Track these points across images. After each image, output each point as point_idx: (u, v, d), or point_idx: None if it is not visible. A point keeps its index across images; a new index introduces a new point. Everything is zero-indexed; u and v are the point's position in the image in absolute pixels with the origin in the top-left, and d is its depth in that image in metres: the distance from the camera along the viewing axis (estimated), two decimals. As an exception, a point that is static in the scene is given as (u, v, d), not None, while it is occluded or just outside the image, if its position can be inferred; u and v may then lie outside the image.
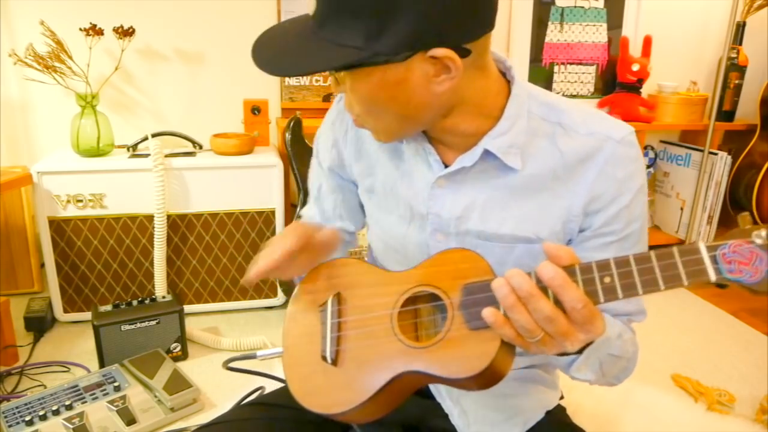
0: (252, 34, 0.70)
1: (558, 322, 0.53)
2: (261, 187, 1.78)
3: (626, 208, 0.69)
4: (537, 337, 0.54)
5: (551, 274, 0.52)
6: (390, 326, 0.61)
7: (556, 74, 2.33)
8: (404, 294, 0.62)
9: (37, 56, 1.69)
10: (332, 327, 0.64)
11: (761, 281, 0.48)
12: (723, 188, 2.35)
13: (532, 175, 0.69)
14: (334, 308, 0.65)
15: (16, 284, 1.91)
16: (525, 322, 0.53)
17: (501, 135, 0.68)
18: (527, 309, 0.53)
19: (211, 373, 1.54)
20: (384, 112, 0.65)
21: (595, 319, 0.53)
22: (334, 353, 0.63)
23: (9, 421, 1.24)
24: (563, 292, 0.52)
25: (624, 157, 0.68)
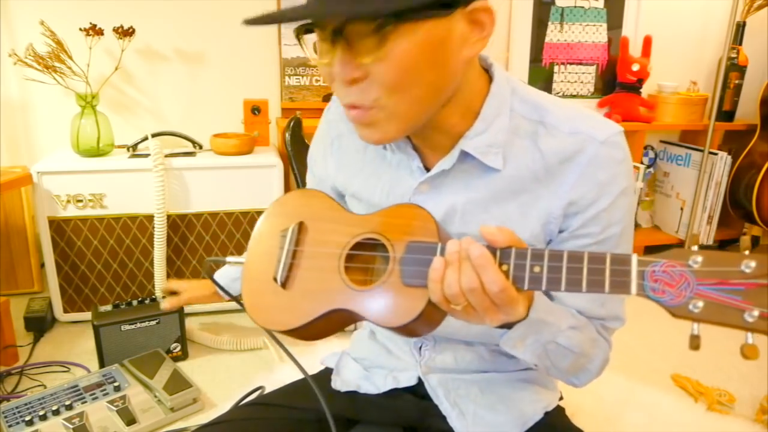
0: (252, 34, 0.70)
1: (480, 294, 0.55)
2: (261, 187, 1.78)
3: (605, 212, 0.67)
4: (460, 303, 0.56)
5: (477, 252, 0.55)
6: (337, 265, 0.65)
7: (556, 74, 2.33)
8: (356, 237, 0.66)
9: (37, 56, 1.69)
10: (287, 253, 0.68)
11: (680, 306, 0.48)
12: (723, 188, 2.35)
13: (512, 177, 0.68)
14: (293, 236, 0.69)
15: (16, 284, 1.91)
16: (453, 284, 0.55)
17: (478, 135, 0.67)
18: (460, 273, 0.55)
19: (211, 373, 1.54)
20: (415, 84, 0.60)
21: (514, 303, 0.55)
22: (284, 277, 0.67)
23: (9, 421, 1.24)
24: (483, 271, 0.54)
25: (607, 158, 0.66)
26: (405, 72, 0.58)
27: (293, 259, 0.68)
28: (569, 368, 0.71)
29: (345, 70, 0.59)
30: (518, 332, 0.63)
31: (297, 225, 0.69)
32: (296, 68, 2.07)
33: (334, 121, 0.83)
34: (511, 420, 0.79)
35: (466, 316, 0.57)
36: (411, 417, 0.84)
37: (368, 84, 0.59)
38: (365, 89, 0.60)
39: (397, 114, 0.62)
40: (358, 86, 0.60)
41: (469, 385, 0.80)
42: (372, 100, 0.60)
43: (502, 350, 0.80)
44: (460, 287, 0.55)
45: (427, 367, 0.81)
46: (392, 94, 0.60)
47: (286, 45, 2.03)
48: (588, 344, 0.71)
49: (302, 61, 2.07)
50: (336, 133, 0.82)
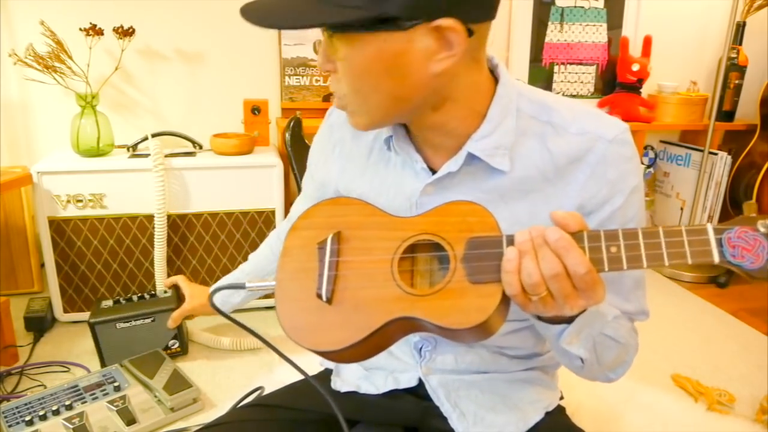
0: (252, 34, 0.71)
1: (563, 280, 0.53)
2: (261, 187, 1.78)
3: (620, 210, 0.67)
4: (540, 293, 0.54)
5: (556, 236, 0.53)
6: (390, 271, 0.61)
7: (556, 74, 2.33)
8: (407, 240, 0.62)
9: (37, 56, 1.69)
10: (330, 265, 0.63)
11: (760, 268, 0.50)
12: (723, 188, 2.35)
13: (521, 177, 0.68)
14: (333, 247, 0.64)
15: (16, 284, 1.91)
16: (533, 273, 0.53)
17: (485, 137, 0.66)
18: (538, 260, 0.54)
19: (211, 373, 1.54)
20: (374, 90, 0.62)
21: (597, 286, 0.54)
22: (330, 292, 0.62)
23: (9, 421, 1.24)
24: (567, 254, 0.53)
25: (616, 156, 0.66)
26: (359, 77, 0.62)
27: (336, 271, 0.63)
28: (612, 361, 0.71)
29: (320, 61, 0.65)
30: (577, 325, 0.62)
31: (335, 234, 0.65)
32: (296, 68, 2.07)
33: (336, 125, 0.83)
34: (512, 420, 0.79)
35: (543, 306, 0.55)
36: (411, 417, 0.84)
37: (339, 79, 0.64)
38: (336, 81, 0.65)
39: (362, 112, 0.65)
40: (333, 77, 0.65)
41: (469, 385, 0.80)
42: (342, 93, 0.65)
43: (502, 351, 0.80)
44: (541, 274, 0.53)
45: (428, 368, 0.81)
46: (354, 94, 0.64)
47: (286, 45, 2.03)
48: (628, 335, 0.71)
49: (302, 61, 2.07)
50: (339, 136, 0.82)
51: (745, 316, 1.95)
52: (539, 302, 0.55)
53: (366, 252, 0.63)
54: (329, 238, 0.64)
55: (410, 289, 0.59)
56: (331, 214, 0.67)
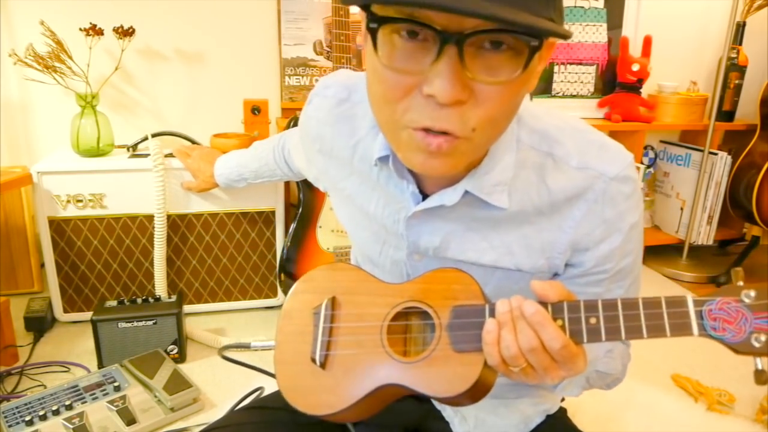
0: (252, 34, 0.68)
1: (541, 354, 0.53)
2: (261, 187, 1.78)
3: (618, 248, 0.65)
4: (520, 365, 0.54)
5: (532, 310, 0.53)
6: (379, 338, 0.62)
7: (556, 74, 2.33)
8: (396, 307, 0.63)
9: (37, 56, 1.69)
10: (324, 331, 0.65)
11: (742, 342, 0.50)
12: (723, 188, 2.35)
13: (516, 212, 0.65)
14: (327, 312, 0.66)
15: (16, 284, 1.91)
16: (511, 346, 0.53)
17: (484, 174, 0.62)
18: (516, 332, 0.53)
19: (211, 373, 1.54)
20: (508, 118, 0.54)
21: (576, 358, 0.54)
22: (323, 357, 0.64)
23: (9, 421, 1.24)
24: (542, 329, 0.52)
25: (615, 195, 0.62)
26: (513, 103, 0.52)
27: (330, 337, 0.65)
28: (605, 384, 0.73)
29: (454, 89, 0.47)
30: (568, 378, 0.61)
31: (329, 300, 0.66)
32: (296, 68, 2.07)
33: (315, 119, 0.77)
34: (513, 423, 0.79)
35: (525, 377, 0.55)
36: (412, 420, 0.84)
37: (468, 109, 0.49)
38: (464, 115, 0.49)
39: (479, 147, 0.55)
40: (455, 110, 0.49)
41: None
42: (469, 129, 0.51)
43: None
44: (518, 348, 0.53)
45: None
46: (489, 126, 0.52)
47: (286, 45, 2.03)
48: (619, 361, 0.72)
49: (302, 61, 2.07)
50: (316, 133, 0.77)
51: (745, 316, 1.95)
52: (521, 373, 0.55)
53: (358, 318, 0.65)
54: (324, 304, 0.66)
55: (398, 357, 0.61)
56: (328, 278, 0.69)
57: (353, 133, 0.71)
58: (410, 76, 0.49)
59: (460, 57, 0.46)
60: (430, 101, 0.49)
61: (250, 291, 1.87)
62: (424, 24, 0.46)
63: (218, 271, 1.83)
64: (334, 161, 0.75)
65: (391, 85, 0.50)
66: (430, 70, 0.47)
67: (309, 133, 0.78)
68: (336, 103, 0.74)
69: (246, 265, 1.84)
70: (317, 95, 0.78)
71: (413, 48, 0.49)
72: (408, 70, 0.49)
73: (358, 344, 0.63)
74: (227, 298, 1.86)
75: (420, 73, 0.48)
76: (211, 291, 1.85)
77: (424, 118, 0.50)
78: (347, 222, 0.80)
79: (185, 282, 1.82)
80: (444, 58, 0.46)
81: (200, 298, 1.84)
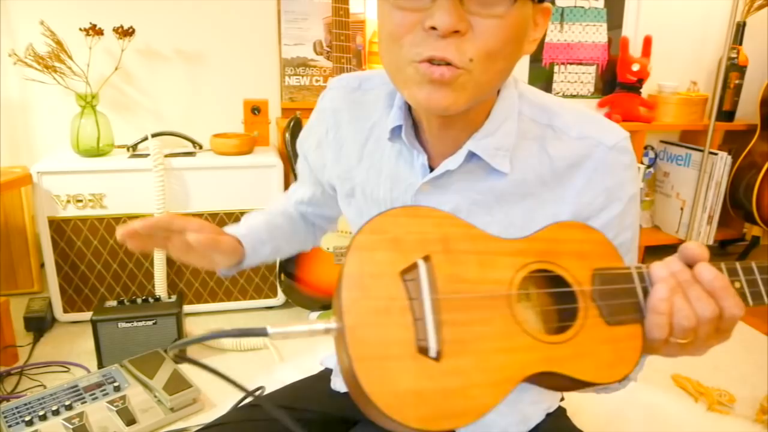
0: (252, 34, 0.67)
1: (714, 324, 0.48)
2: (261, 187, 1.78)
3: (617, 218, 0.66)
4: (688, 338, 0.49)
5: (711, 275, 0.48)
6: (509, 312, 0.47)
7: (556, 74, 2.33)
8: (521, 270, 0.49)
9: (37, 56, 1.69)
10: (432, 306, 0.46)
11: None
12: (723, 188, 2.35)
13: (518, 180, 0.66)
14: (428, 278, 0.47)
15: (16, 284, 1.91)
16: (691, 316, 0.48)
17: (486, 136, 0.64)
18: (690, 300, 0.48)
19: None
20: (505, 59, 0.57)
21: (734, 327, 0.50)
22: (439, 344, 0.45)
23: (9, 421, 1.24)
24: (725, 296, 0.48)
25: (615, 164, 0.65)
26: (506, 40, 0.55)
27: (440, 314, 0.46)
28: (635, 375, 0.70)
29: (451, 18, 0.52)
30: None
31: (425, 262, 0.48)
32: (296, 68, 2.07)
33: (330, 109, 0.78)
34: (513, 422, 0.78)
35: (677, 350, 0.50)
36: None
37: (466, 41, 0.54)
38: (461, 46, 0.54)
39: (479, 82, 0.57)
40: (453, 40, 0.54)
41: None
42: (467, 60, 0.55)
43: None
44: (697, 318, 0.48)
45: None
46: (484, 60, 0.55)
47: (286, 45, 2.03)
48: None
49: (302, 61, 2.07)
50: (333, 121, 0.78)
51: (746, 316, 1.94)
52: (676, 346, 0.49)
53: (472, 285, 0.48)
54: (420, 267, 0.47)
55: (542, 336, 0.47)
56: (407, 228, 0.49)
57: (368, 117, 0.74)
58: (415, 13, 0.54)
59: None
60: (431, 34, 0.54)
61: (250, 291, 1.87)
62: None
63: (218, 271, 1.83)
64: (346, 149, 0.77)
65: (397, 22, 0.56)
66: (432, 5, 0.53)
67: (324, 122, 0.79)
68: (350, 90, 0.77)
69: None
70: (330, 89, 0.79)
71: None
72: (413, 8, 0.55)
73: (483, 321, 0.46)
74: (227, 298, 1.86)
75: (423, 9, 0.54)
76: (211, 291, 1.85)
77: (426, 49, 0.55)
78: (355, 217, 0.80)
79: (185, 282, 1.82)
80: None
81: (200, 298, 1.84)
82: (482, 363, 0.45)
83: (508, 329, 0.47)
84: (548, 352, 0.46)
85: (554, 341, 0.47)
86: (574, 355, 0.47)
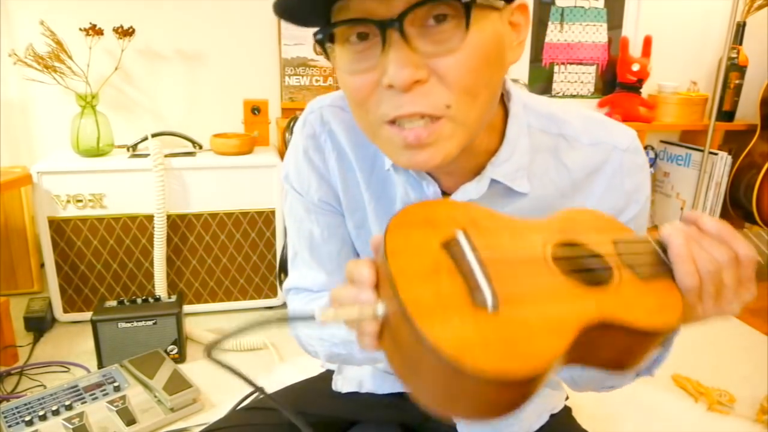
0: (252, 34, 0.65)
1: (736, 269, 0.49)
2: (261, 187, 1.78)
3: (633, 219, 0.65)
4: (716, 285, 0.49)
5: (714, 224, 0.49)
6: (548, 269, 0.48)
7: (556, 74, 2.33)
8: (548, 241, 0.50)
9: (37, 56, 1.69)
10: (479, 263, 0.45)
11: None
12: (723, 188, 2.35)
13: (539, 197, 0.64)
14: (469, 243, 0.47)
15: (16, 284, 1.91)
16: (712, 259, 0.48)
17: (506, 160, 0.61)
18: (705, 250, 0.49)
19: (211, 373, 1.54)
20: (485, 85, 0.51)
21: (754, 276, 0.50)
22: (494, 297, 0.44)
23: (9, 421, 1.24)
24: (734, 240, 0.49)
25: (632, 166, 0.64)
26: (478, 67, 0.49)
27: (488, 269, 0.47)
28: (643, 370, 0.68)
29: (405, 71, 0.47)
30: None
31: (463, 231, 0.49)
32: (296, 68, 2.07)
33: (322, 134, 0.69)
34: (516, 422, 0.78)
35: (714, 301, 0.50)
36: (414, 418, 0.84)
37: (434, 86, 0.49)
38: (430, 93, 0.49)
39: (466, 124, 0.52)
40: (418, 91, 0.49)
41: None
42: (443, 106, 0.49)
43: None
44: (718, 262, 0.48)
45: None
46: (463, 96, 0.50)
47: (286, 45, 2.03)
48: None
49: (302, 61, 2.07)
50: (331, 144, 0.69)
51: (746, 317, 1.95)
52: (710, 302, 0.50)
53: (510, 249, 0.49)
54: (459, 234, 0.48)
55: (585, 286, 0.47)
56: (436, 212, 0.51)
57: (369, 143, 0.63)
58: (369, 73, 0.50)
59: (405, 39, 0.47)
60: (393, 91, 0.49)
61: (250, 291, 1.87)
62: (360, 20, 0.48)
63: (218, 271, 1.83)
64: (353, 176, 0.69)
65: (356, 87, 0.52)
66: (383, 59, 0.48)
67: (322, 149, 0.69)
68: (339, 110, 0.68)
69: (246, 265, 1.84)
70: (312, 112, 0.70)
71: (365, 48, 0.50)
72: (366, 69, 0.50)
73: (530, 277, 0.47)
74: (227, 298, 1.86)
75: (376, 67, 0.49)
76: (211, 291, 1.84)
77: (392, 109, 0.50)
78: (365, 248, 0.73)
79: (185, 282, 1.82)
80: (391, 45, 0.47)
81: (200, 298, 1.84)
82: (539, 313, 0.44)
83: (556, 281, 0.47)
84: (599, 301, 0.46)
85: (602, 291, 0.47)
86: (623, 303, 0.47)
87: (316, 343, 0.72)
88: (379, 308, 0.45)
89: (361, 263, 0.47)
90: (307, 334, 0.74)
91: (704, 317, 0.52)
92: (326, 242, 0.73)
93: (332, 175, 0.70)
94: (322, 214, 0.72)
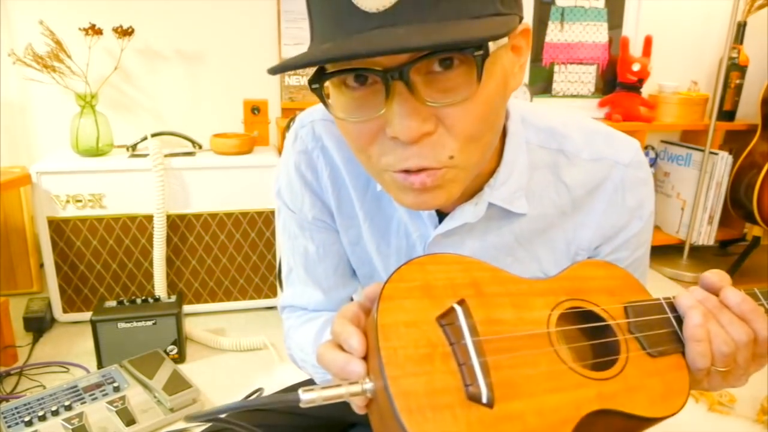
0: (252, 34, 0.63)
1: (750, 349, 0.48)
2: (261, 187, 1.78)
3: (636, 235, 0.64)
4: (728, 366, 0.48)
5: (738, 298, 0.48)
6: (552, 351, 0.46)
7: (557, 74, 2.32)
8: (555, 308, 0.49)
9: (37, 56, 1.69)
10: (476, 350, 0.43)
11: None
12: (724, 188, 2.35)
13: (538, 216, 0.62)
14: (467, 321, 0.45)
15: (16, 284, 1.91)
16: (729, 341, 0.47)
17: (503, 184, 0.59)
18: (724, 326, 0.48)
19: (211, 373, 1.54)
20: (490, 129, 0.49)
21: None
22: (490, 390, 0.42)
23: (8, 421, 1.24)
24: (756, 319, 0.47)
25: (634, 182, 0.61)
26: (486, 114, 0.47)
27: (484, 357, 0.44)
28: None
29: (413, 125, 0.44)
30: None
31: (461, 304, 0.46)
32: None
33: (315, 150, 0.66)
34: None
35: (720, 380, 0.49)
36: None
37: (440, 137, 0.46)
38: (437, 144, 0.46)
39: (468, 168, 0.50)
40: (426, 143, 0.46)
41: None
42: (446, 159, 0.47)
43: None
44: (735, 343, 0.47)
45: None
46: (468, 145, 0.47)
47: (285, 45, 2.03)
48: None
49: (302, 60, 2.06)
50: (324, 163, 0.66)
51: (746, 317, 1.95)
52: (718, 376, 0.49)
53: (511, 326, 0.46)
54: (457, 309, 0.45)
55: (589, 373, 0.46)
56: (435, 275, 0.47)
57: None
58: (370, 122, 0.47)
59: (411, 90, 0.44)
60: (397, 142, 0.46)
61: (250, 291, 1.87)
62: (363, 69, 0.44)
63: (218, 271, 1.83)
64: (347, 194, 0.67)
65: (356, 135, 0.49)
66: (387, 111, 0.45)
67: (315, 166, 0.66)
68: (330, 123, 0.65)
69: (246, 265, 1.84)
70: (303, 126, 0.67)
71: (365, 94, 0.47)
72: (366, 118, 0.47)
73: (529, 362, 0.45)
74: (227, 298, 1.86)
75: (379, 116, 0.46)
76: (211, 291, 1.84)
77: (397, 161, 0.48)
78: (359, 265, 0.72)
79: (185, 282, 1.81)
80: (395, 96, 0.44)
81: (200, 298, 1.84)
82: (536, 406, 0.43)
83: (556, 368, 0.45)
84: (600, 389, 0.45)
85: (603, 377, 0.46)
86: (626, 389, 0.45)
87: (309, 368, 0.72)
88: (366, 385, 0.43)
89: (349, 331, 0.44)
90: (301, 358, 0.73)
91: (709, 390, 0.51)
92: (322, 260, 0.71)
93: (325, 192, 0.68)
94: (316, 231, 0.70)
